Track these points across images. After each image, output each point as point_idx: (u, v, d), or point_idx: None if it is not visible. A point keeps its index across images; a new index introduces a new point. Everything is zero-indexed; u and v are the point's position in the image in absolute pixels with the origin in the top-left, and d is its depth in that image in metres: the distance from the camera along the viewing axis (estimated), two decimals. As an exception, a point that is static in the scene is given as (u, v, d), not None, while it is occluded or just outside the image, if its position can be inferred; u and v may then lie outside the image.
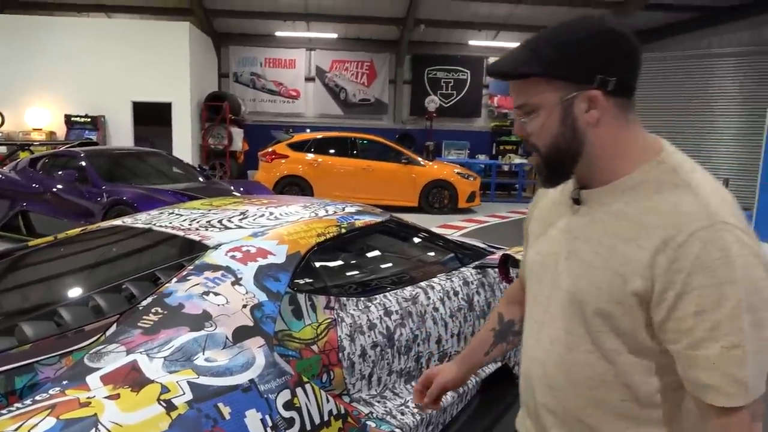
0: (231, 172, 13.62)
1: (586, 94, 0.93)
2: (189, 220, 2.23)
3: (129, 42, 12.36)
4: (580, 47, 0.93)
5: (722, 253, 0.85)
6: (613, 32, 0.93)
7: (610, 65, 0.92)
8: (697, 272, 0.85)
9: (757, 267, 0.86)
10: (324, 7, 14.28)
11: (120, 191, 6.24)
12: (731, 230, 0.86)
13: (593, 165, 0.98)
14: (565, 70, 0.93)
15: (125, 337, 1.47)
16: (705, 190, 0.91)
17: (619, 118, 0.96)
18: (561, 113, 0.95)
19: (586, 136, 0.96)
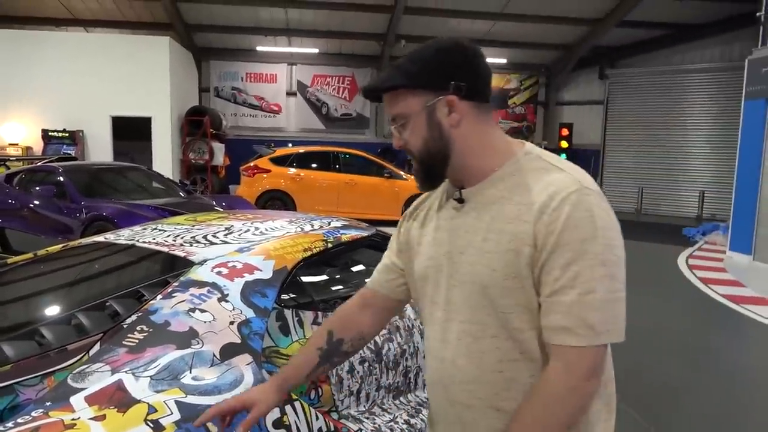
0: (212, 187, 13.51)
1: (444, 98, 1.06)
2: (173, 236, 2.20)
3: (108, 56, 12.27)
4: (435, 60, 1.07)
5: (587, 212, 0.99)
6: (461, 46, 1.08)
7: (459, 73, 1.06)
8: (568, 229, 0.98)
9: (613, 228, 1.01)
10: (305, 22, 14.35)
11: (99, 207, 6.15)
12: (594, 195, 1.01)
13: (464, 164, 1.10)
14: (425, 80, 1.07)
15: (110, 356, 1.44)
16: (570, 168, 1.06)
17: (479, 120, 1.10)
18: (427, 118, 1.08)
19: (451, 137, 1.08)
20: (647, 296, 6.34)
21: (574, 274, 0.97)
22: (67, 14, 13.81)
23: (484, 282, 1.06)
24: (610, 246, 0.99)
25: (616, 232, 1.01)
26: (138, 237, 2.25)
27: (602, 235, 0.98)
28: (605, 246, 0.98)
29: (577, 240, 0.97)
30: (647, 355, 4.44)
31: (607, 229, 1.00)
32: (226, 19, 14.11)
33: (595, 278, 0.97)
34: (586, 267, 0.97)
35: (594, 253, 0.97)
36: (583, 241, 0.97)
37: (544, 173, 1.05)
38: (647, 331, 5.11)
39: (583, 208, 0.99)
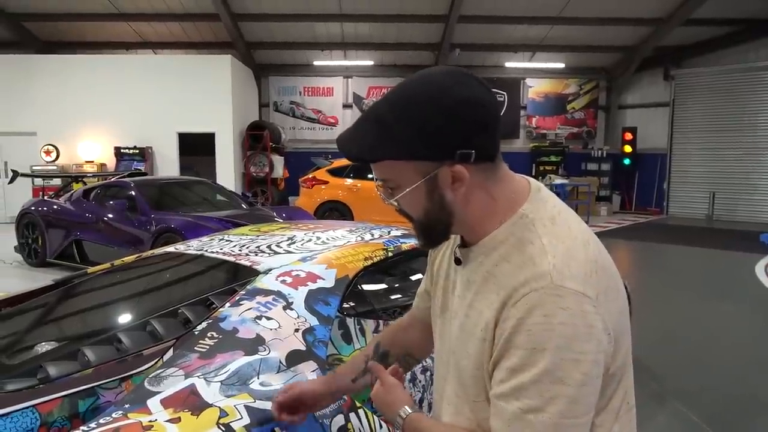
0: (272, 199, 13.87)
1: (448, 170, 0.89)
2: (239, 246, 2.28)
3: (174, 76, 12.86)
4: (433, 125, 0.87)
5: (545, 318, 0.82)
6: (468, 103, 0.88)
7: (467, 139, 0.88)
8: (519, 332, 0.84)
9: (579, 340, 0.82)
10: (360, 35, 14.57)
11: (168, 219, 6.42)
12: (564, 295, 0.83)
13: (466, 227, 0.97)
14: (423, 151, 0.88)
15: (183, 361, 1.50)
16: (556, 249, 0.87)
17: (486, 182, 0.93)
18: (426, 189, 0.91)
19: (455, 206, 0.93)
20: (723, 306, 6.00)
21: (519, 384, 0.83)
22: (137, 38, 14.62)
23: (460, 364, 0.97)
24: (570, 362, 0.81)
25: (584, 346, 0.82)
26: (206, 247, 2.34)
27: (557, 348, 0.81)
28: (562, 362, 0.81)
29: (527, 348, 0.83)
30: (725, 368, 4.20)
31: (569, 341, 0.81)
32: (284, 35, 14.53)
33: (543, 397, 0.81)
34: (530, 380, 0.82)
35: (544, 368, 0.81)
36: (533, 350, 0.82)
37: (527, 250, 0.89)
38: (725, 343, 4.83)
39: (541, 312, 0.82)
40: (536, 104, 16.63)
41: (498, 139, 0.93)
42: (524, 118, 16.62)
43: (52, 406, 1.39)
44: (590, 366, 0.82)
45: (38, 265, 7.59)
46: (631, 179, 16.02)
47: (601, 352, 0.84)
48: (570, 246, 0.89)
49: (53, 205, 7.77)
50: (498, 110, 0.93)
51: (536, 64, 15.74)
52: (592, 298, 0.84)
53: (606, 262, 0.92)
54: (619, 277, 0.93)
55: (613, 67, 16.15)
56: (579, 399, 0.82)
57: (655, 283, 7.33)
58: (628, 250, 10.26)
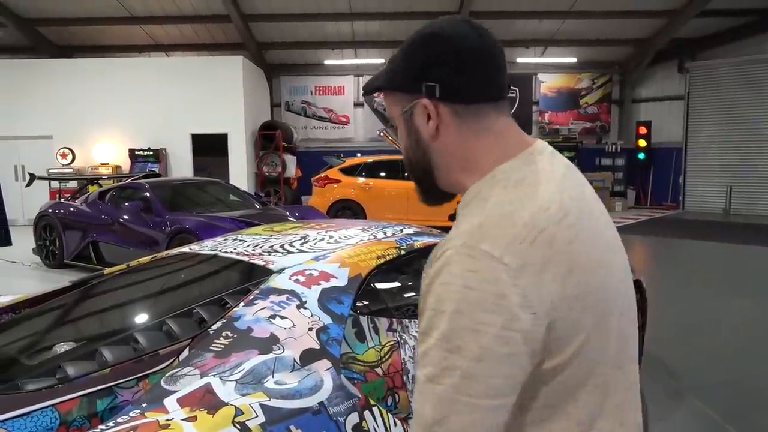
0: (285, 198, 13.93)
1: (418, 104, 0.88)
2: (252, 246, 2.29)
3: (187, 78, 12.96)
4: (408, 55, 0.89)
5: (452, 278, 0.75)
6: (433, 35, 0.87)
7: (428, 70, 0.86)
8: (429, 292, 0.78)
9: (478, 308, 0.73)
10: (371, 33, 14.56)
11: (182, 220, 6.48)
12: (475, 256, 0.75)
13: (450, 180, 0.92)
14: (397, 81, 0.90)
15: (198, 360, 1.51)
16: (495, 209, 0.80)
17: (466, 126, 0.87)
18: (405, 126, 0.92)
19: (430, 149, 0.90)
20: (742, 301, 5.92)
21: (425, 349, 0.76)
22: (149, 41, 14.75)
23: None
24: (467, 331, 0.72)
25: (486, 316, 0.72)
26: (220, 247, 2.35)
27: (457, 313, 0.73)
28: (460, 329, 0.73)
29: (432, 309, 0.76)
30: (744, 364, 4.15)
31: (470, 309, 0.73)
32: (295, 35, 14.57)
33: (440, 365, 0.74)
34: (433, 347, 0.75)
35: (441, 333, 0.74)
36: (436, 311, 0.75)
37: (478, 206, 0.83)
38: (743, 338, 4.77)
39: (447, 273, 0.76)
40: (548, 99, 16.51)
41: (483, 83, 0.87)
42: (536, 114, 16.51)
43: (71, 406, 1.41)
44: (492, 341, 0.72)
45: (56, 266, 7.70)
46: (646, 174, 15.85)
47: (513, 330, 0.72)
48: (515, 209, 0.79)
49: (70, 207, 7.87)
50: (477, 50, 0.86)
51: (548, 59, 15.62)
52: (509, 267, 0.74)
53: (568, 238, 0.78)
54: (593, 263, 0.80)
55: (626, 61, 15.97)
56: (476, 376, 0.72)
57: (671, 278, 7.25)
58: (644, 245, 10.15)
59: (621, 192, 15.68)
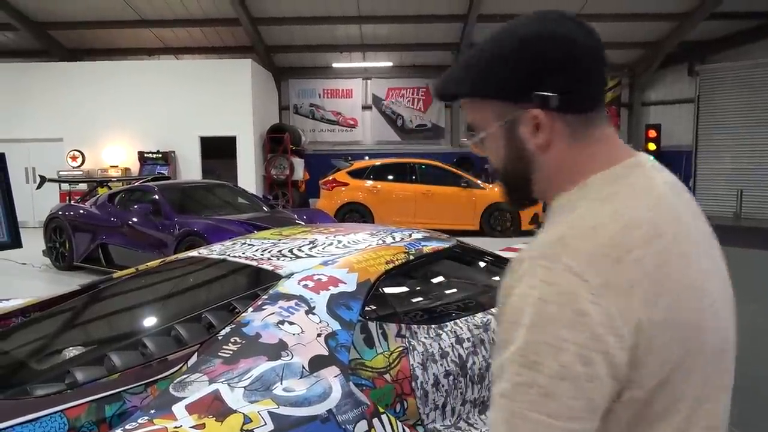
0: (293, 201, 13.95)
1: (527, 115, 0.79)
2: (261, 250, 2.29)
3: (196, 80, 13.02)
4: (513, 58, 0.79)
5: (529, 290, 0.71)
6: (545, 38, 0.78)
7: (546, 79, 0.77)
8: (505, 304, 0.74)
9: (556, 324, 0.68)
10: (379, 37, 14.57)
11: (191, 222, 6.50)
12: (554, 269, 0.70)
13: (549, 188, 0.85)
14: (496, 90, 0.81)
15: (207, 366, 1.51)
16: (580, 221, 0.75)
17: (577, 137, 0.80)
18: (505, 137, 0.83)
19: (535, 161, 0.83)
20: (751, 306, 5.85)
21: (501, 362, 0.72)
22: (159, 43, 14.83)
23: None
24: (545, 346, 0.68)
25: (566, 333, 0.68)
26: (228, 252, 2.35)
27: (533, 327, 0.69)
28: (537, 344, 0.69)
29: (509, 321, 0.73)
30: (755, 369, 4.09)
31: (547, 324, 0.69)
32: (303, 38, 14.60)
33: (514, 381, 0.70)
34: (509, 361, 0.71)
35: (517, 347, 0.70)
36: (514, 323, 0.71)
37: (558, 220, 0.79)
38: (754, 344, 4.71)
39: (526, 284, 0.72)
40: (557, 102, 16.45)
41: (597, 90, 0.81)
42: (545, 117, 16.44)
43: (79, 411, 1.41)
44: (572, 359, 0.67)
45: (65, 268, 7.74)
46: (656, 177, 15.73)
47: (595, 351, 0.67)
48: (601, 224, 0.74)
49: (79, 209, 7.92)
50: (592, 52, 0.79)
51: (557, 62, 15.56)
52: (590, 284, 0.69)
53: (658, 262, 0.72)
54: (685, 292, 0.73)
55: (635, 64, 15.88)
56: (555, 395, 0.67)
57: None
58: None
59: (630, 195, 15.57)
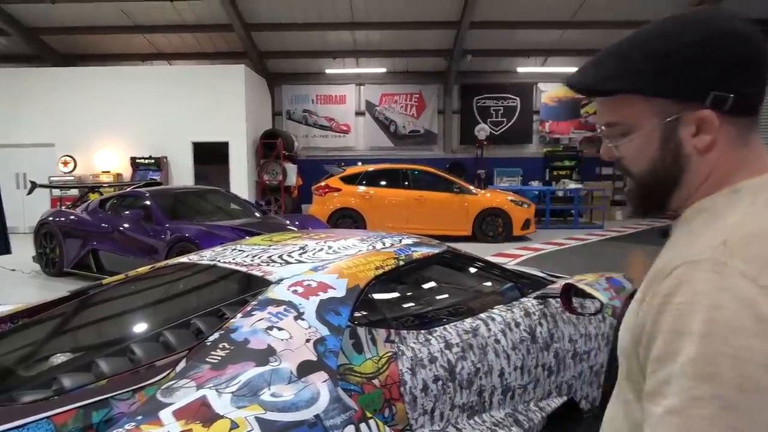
0: (286, 207, 13.95)
1: (694, 115, 0.75)
2: (251, 256, 2.29)
3: (189, 86, 13.02)
4: (684, 56, 0.74)
5: (695, 297, 0.66)
6: (730, 35, 0.73)
7: (726, 78, 0.73)
8: (665, 312, 0.68)
9: (736, 332, 0.62)
10: (372, 43, 14.63)
11: (182, 228, 6.48)
12: (725, 273, 0.65)
13: (687, 195, 0.80)
14: (667, 87, 0.75)
15: (195, 372, 1.51)
16: (742, 227, 0.70)
17: (736, 142, 0.76)
18: (662, 137, 0.78)
19: (690, 164, 0.78)
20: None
21: (665, 376, 0.66)
22: (152, 49, 14.83)
23: (621, 344, 0.83)
24: (723, 356, 0.62)
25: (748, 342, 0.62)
26: (219, 257, 2.35)
27: (708, 336, 0.63)
28: (713, 354, 0.63)
29: (673, 331, 0.67)
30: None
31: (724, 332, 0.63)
32: (296, 44, 14.65)
33: (686, 395, 0.64)
34: (678, 372, 0.65)
35: (689, 358, 0.64)
36: (680, 333, 0.66)
37: (712, 221, 0.74)
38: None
39: (691, 290, 0.66)
40: (549, 109, 16.55)
41: (762, 95, 0.77)
42: (537, 123, 16.55)
43: (66, 418, 1.41)
44: (756, 370, 0.61)
45: (56, 274, 7.69)
46: (647, 183, 15.86)
47: None
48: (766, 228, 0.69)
49: (70, 215, 7.88)
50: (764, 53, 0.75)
51: (549, 69, 15.68)
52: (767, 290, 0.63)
53: None
54: None
55: (626, 71, 16.02)
56: (737, 407, 0.61)
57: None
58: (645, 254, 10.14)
59: (621, 201, 15.66)
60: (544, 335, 2.61)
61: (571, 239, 11.05)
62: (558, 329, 2.72)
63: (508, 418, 2.33)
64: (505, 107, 16.32)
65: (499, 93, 16.25)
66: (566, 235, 11.60)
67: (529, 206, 10.99)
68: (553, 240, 10.86)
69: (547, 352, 2.62)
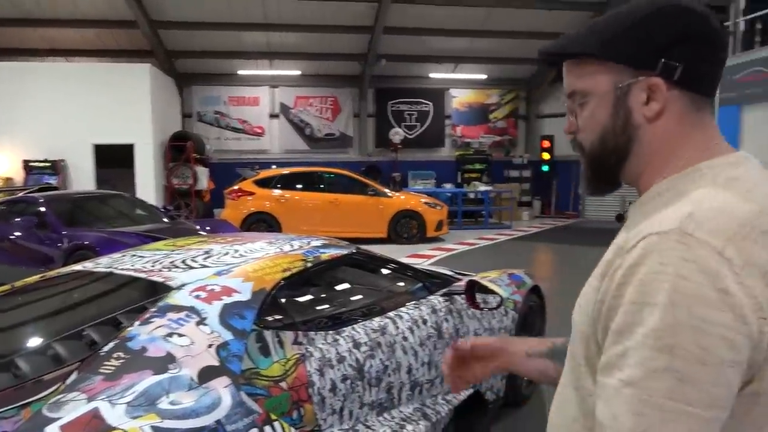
0: (197, 212, 13.46)
1: (645, 81, 0.78)
2: (152, 262, 2.21)
3: (89, 85, 12.27)
4: (641, 25, 0.78)
5: (661, 267, 0.65)
6: (686, 10, 0.77)
7: (675, 48, 0.76)
8: (628, 283, 0.68)
9: (699, 303, 0.63)
10: (286, 45, 14.48)
11: (81, 236, 6.10)
12: (691, 244, 0.65)
13: (641, 170, 0.82)
14: (622, 51, 0.79)
15: (86, 384, 1.44)
16: (707, 200, 0.71)
17: (686, 117, 0.79)
18: (613, 102, 0.80)
19: (638, 133, 0.80)
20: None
21: (623, 350, 0.66)
22: (47, 45, 13.81)
23: (575, 319, 0.83)
24: (685, 328, 0.63)
25: (710, 313, 0.62)
26: (116, 264, 2.25)
27: (674, 305, 0.63)
28: (676, 325, 0.63)
29: (636, 302, 0.66)
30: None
31: (689, 303, 0.63)
32: (207, 44, 14.21)
33: (645, 367, 0.64)
34: (636, 344, 0.65)
35: (650, 329, 0.64)
36: (643, 304, 0.65)
37: (675, 199, 0.74)
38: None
39: (657, 260, 0.66)
40: (460, 114, 17.12)
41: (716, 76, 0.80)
42: (449, 127, 17.06)
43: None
44: (716, 342, 0.62)
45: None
46: (550, 185, 16.79)
47: (742, 334, 0.62)
48: (729, 205, 0.70)
49: (-48, 223, 7.18)
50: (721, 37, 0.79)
51: (459, 75, 16.24)
52: (732, 262, 0.64)
53: None
54: None
55: (531, 78, 16.91)
56: (694, 380, 0.62)
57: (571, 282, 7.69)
58: (549, 252, 10.74)
59: (528, 202, 16.49)
60: (450, 331, 2.71)
61: (481, 239, 11.48)
62: (464, 324, 2.83)
63: (416, 412, 2.40)
64: (418, 112, 16.70)
65: (413, 98, 16.60)
66: (477, 235, 12.04)
67: (442, 208, 11.31)
68: (465, 240, 11.24)
69: (454, 348, 2.71)
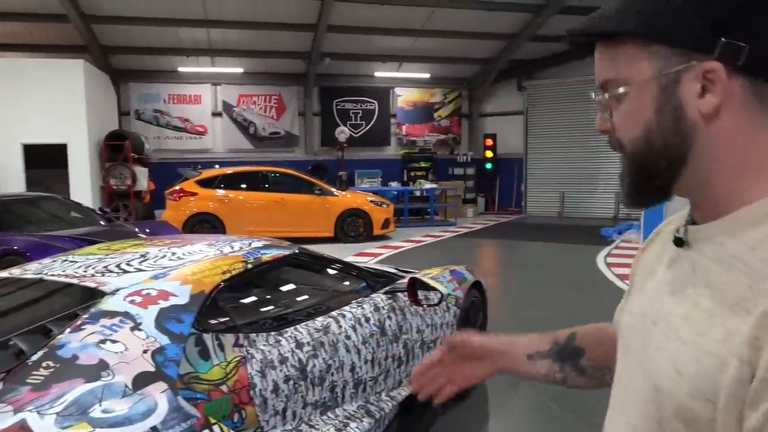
0: (137, 213, 13.00)
1: (700, 67, 0.60)
2: (84, 267, 2.14)
3: (18, 81, 11.61)
4: None
5: None
6: None
7: (741, 24, 0.58)
8: None
9: None
10: (228, 42, 14.18)
11: (9, 240, 5.80)
12: None
13: (706, 181, 0.64)
14: (668, 28, 0.61)
15: (12, 395, 1.39)
16: None
17: (755, 111, 0.61)
18: (658, 94, 0.63)
19: (696, 133, 0.62)
20: (571, 293, 6.66)
21: None
22: (-32, 38, 13.01)
23: (659, 384, 0.64)
24: None
25: None
26: (46, 270, 2.16)
27: None
28: None
29: None
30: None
31: None
32: (145, 40, 13.73)
33: None
34: None
35: None
36: None
37: None
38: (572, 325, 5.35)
39: None
40: (405, 112, 17.27)
41: None
42: (394, 126, 17.18)
43: None
44: None
45: None
46: (493, 182, 17.19)
47: None
48: None
49: None
50: None
51: (404, 74, 16.37)
52: None
53: None
54: None
55: (473, 78, 17.24)
56: None
57: (514, 276, 7.95)
58: (492, 247, 11.00)
59: (472, 199, 16.83)
60: (393, 328, 2.75)
61: (427, 236, 11.64)
62: (406, 321, 2.88)
63: (360, 410, 2.43)
64: (363, 110, 16.73)
65: (358, 96, 16.62)
66: (423, 232, 12.19)
67: (388, 206, 11.39)
68: (411, 238, 11.36)
69: (397, 344, 2.76)
